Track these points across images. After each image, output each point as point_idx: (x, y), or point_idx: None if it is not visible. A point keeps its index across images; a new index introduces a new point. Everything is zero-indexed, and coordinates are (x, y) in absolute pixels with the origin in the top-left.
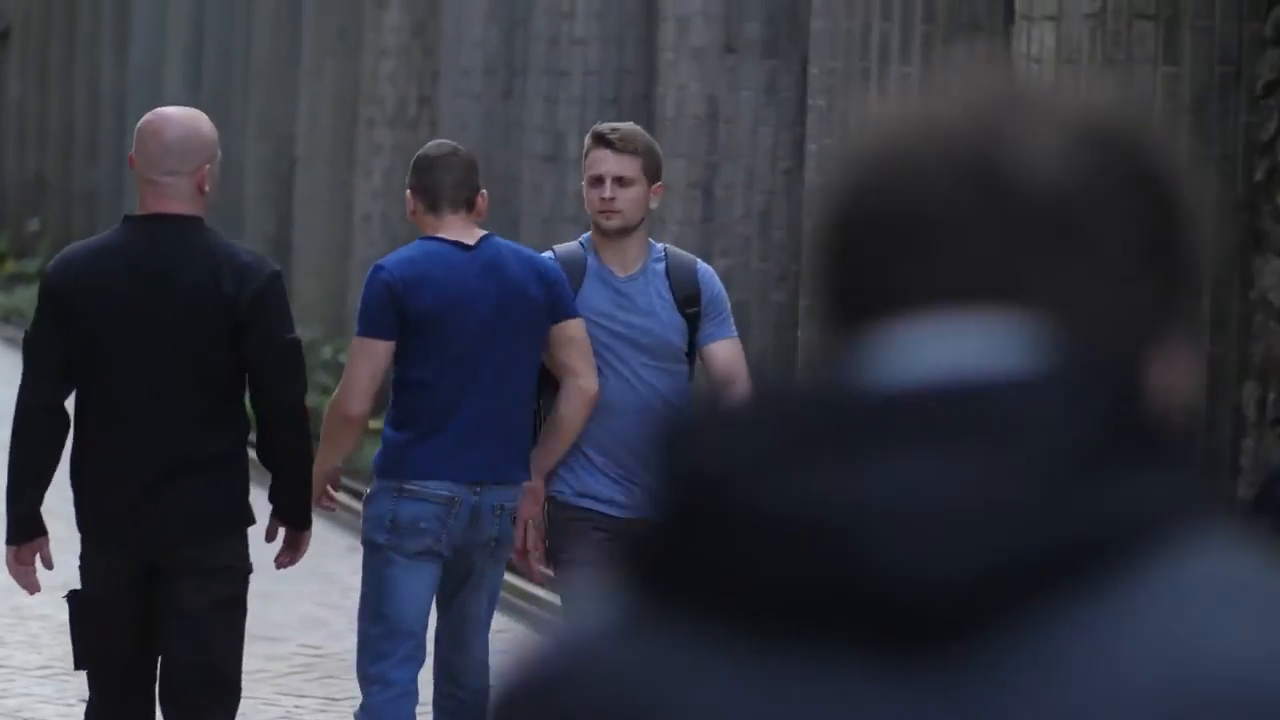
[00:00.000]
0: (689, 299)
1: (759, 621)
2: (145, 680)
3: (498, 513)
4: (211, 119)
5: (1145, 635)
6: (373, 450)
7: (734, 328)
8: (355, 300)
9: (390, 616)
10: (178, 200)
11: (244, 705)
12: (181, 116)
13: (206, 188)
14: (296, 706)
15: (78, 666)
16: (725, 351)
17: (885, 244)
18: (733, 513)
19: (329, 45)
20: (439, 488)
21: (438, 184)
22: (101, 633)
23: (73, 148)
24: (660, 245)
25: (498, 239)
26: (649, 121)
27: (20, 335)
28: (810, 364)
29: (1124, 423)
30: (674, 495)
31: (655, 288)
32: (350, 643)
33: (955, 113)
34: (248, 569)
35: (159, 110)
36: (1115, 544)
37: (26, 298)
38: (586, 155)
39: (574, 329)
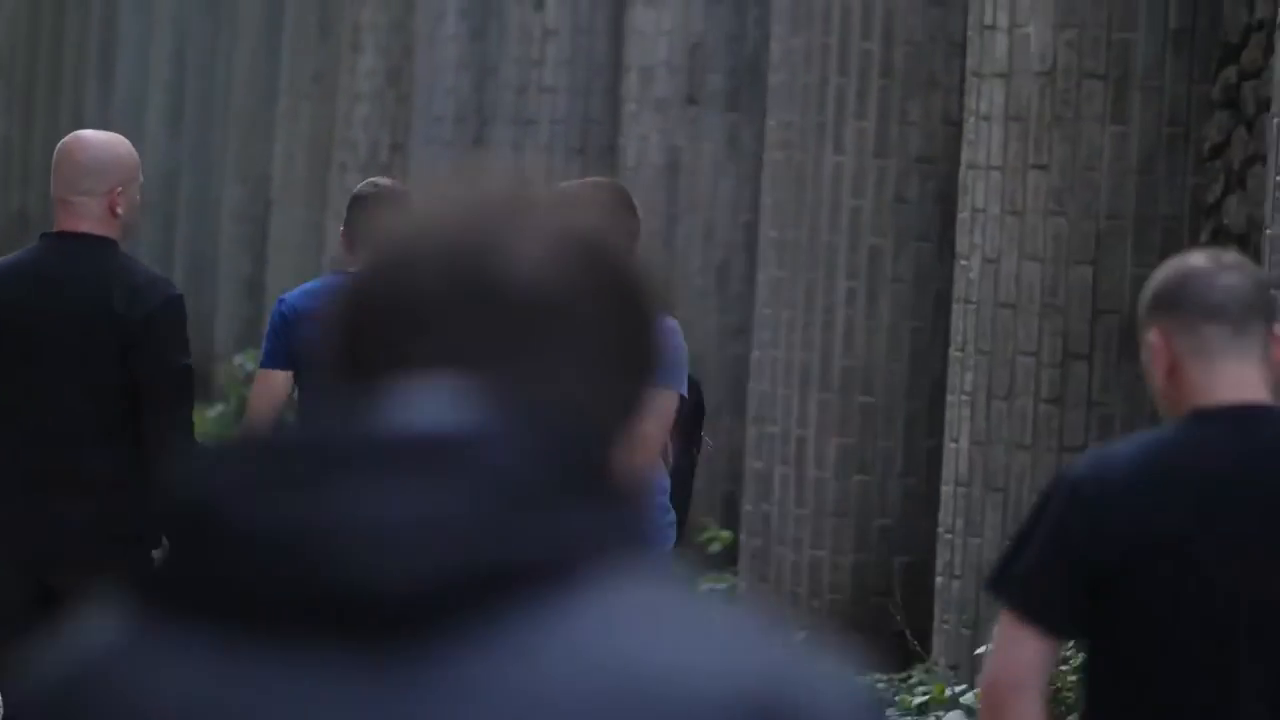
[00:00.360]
0: None
1: (242, 626)
2: None
3: None
4: (192, 159)
5: (575, 646)
6: None
7: (675, 380)
8: None
9: None
10: (88, 220)
11: None
12: (99, 139)
13: (120, 210)
14: None
15: None
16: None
17: (385, 319)
18: (221, 531)
19: (304, 89)
20: None
21: (355, 222)
22: None
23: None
24: None
25: None
26: (612, 171)
27: None
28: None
29: (568, 470)
30: (176, 518)
31: None
32: None
33: (457, 212)
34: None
35: (77, 132)
36: (549, 567)
37: None
38: None
39: None
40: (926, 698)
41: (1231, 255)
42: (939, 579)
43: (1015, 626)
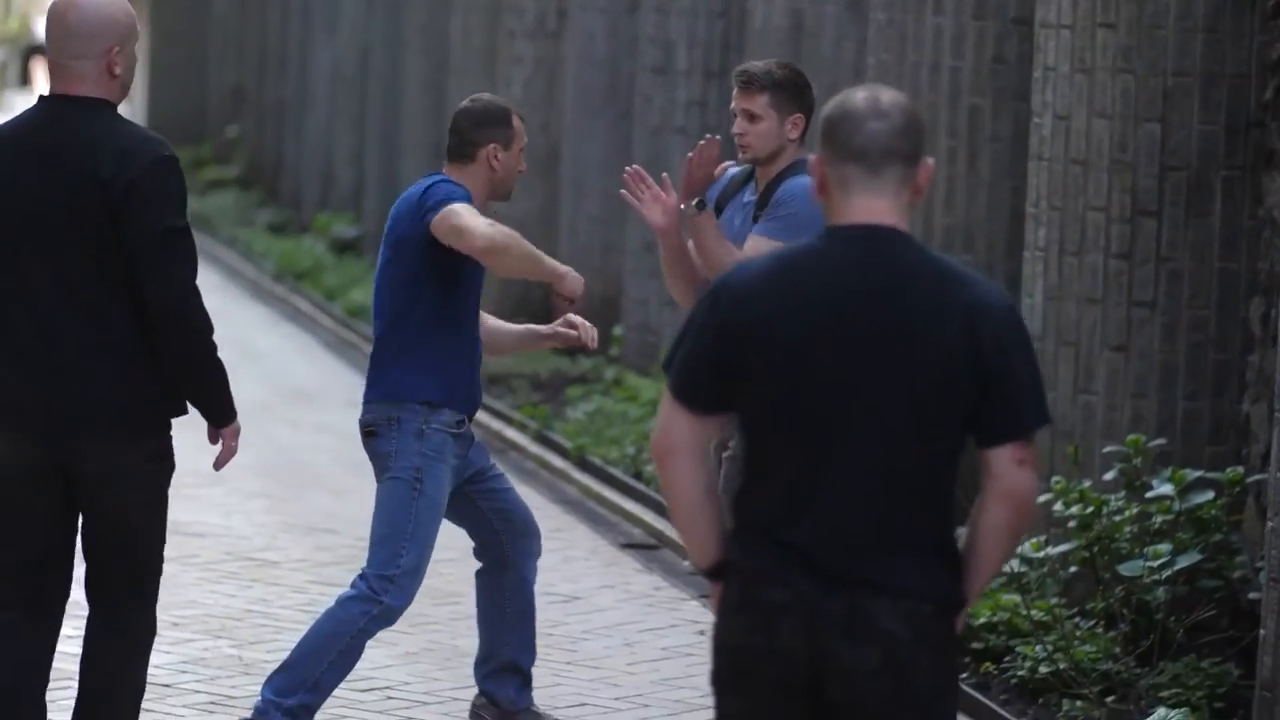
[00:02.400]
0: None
1: None
2: (52, 582)
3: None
4: (382, 33)
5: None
6: None
7: (775, 230)
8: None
9: None
10: (84, 82)
11: (270, 590)
12: (88, 1)
13: (118, 70)
14: (322, 594)
15: None
16: (749, 238)
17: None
18: None
19: None
20: None
21: (446, 136)
22: (8, 527)
23: (267, 60)
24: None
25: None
26: (741, 34)
27: (206, 242)
28: None
29: None
30: None
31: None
32: None
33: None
34: (161, 468)
35: None
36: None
37: (218, 204)
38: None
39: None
40: None
41: (890, 96)
42: None
43: (671, 405)
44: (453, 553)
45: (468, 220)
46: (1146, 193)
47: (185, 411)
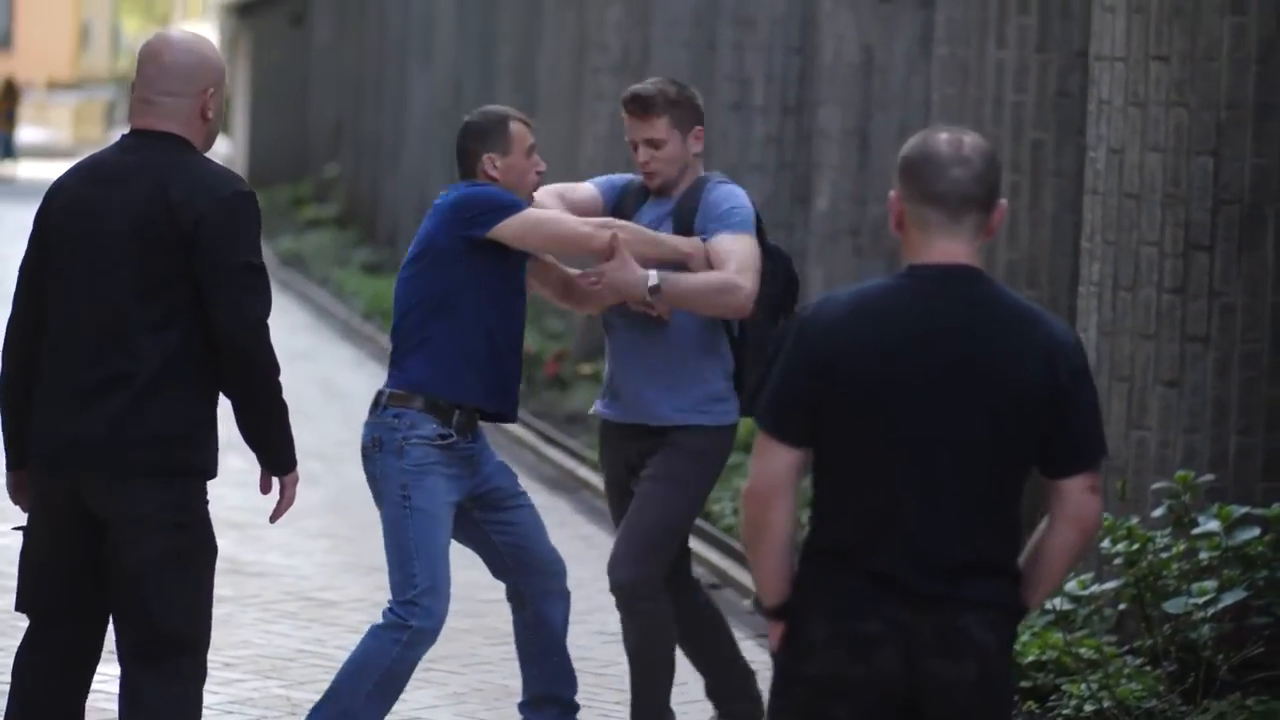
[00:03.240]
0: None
1: None
2: (84, 639)
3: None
4: (474, 69)
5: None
6: None
7: (740, 226)
8: None
9: None
10: (173, 120)
11: (326, 630)
12: (187, 40)
13: (210, 114)
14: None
15: (17, 608)
16: (720, 241)
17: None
18: None
19: None
20: None
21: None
22: (36, 571)
23: (364, 94)
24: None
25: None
26: (813, 69)
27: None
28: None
29: None
30: None
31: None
32: (463, 578)
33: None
34: (183, 523)
35: (162, 32)
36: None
37: (315, 243)
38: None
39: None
40: None
41: (971, 143)
42: None
43: (769, 444)
44: (503, 593)
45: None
46: (1199, 227)
47: (214, 468)
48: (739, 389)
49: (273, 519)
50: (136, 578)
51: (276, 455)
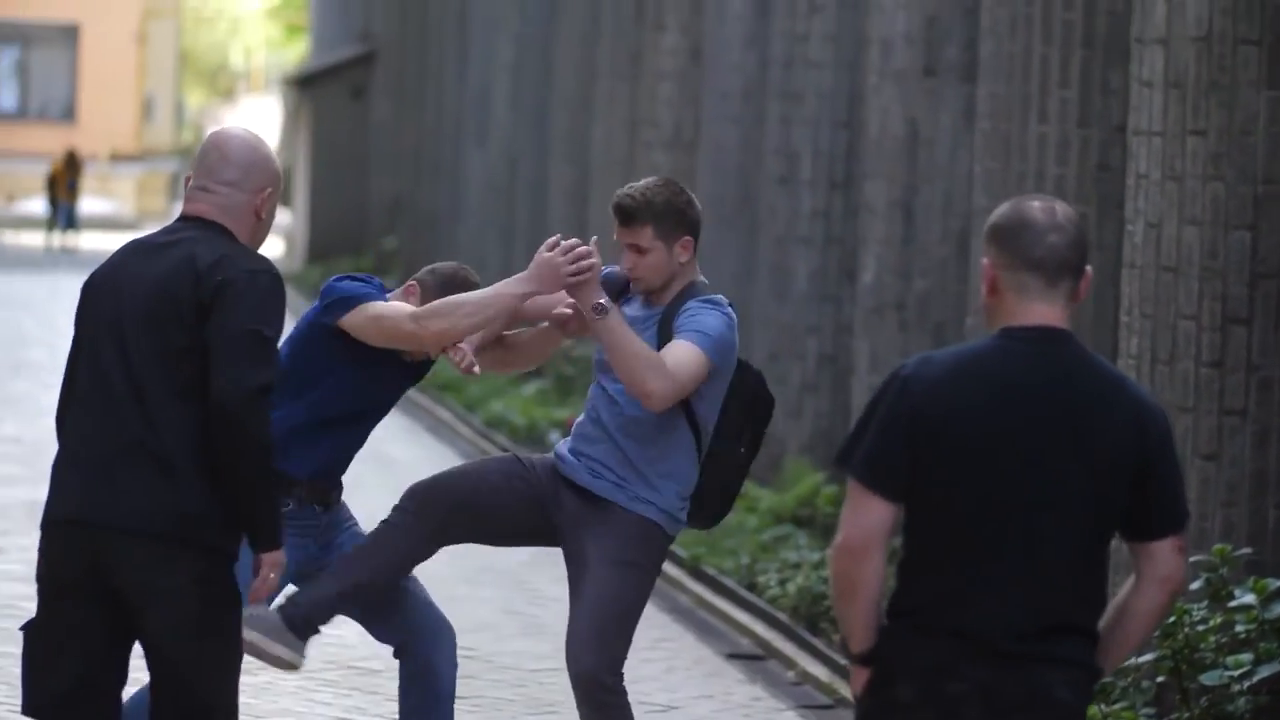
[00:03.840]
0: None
1: None
2: (94, 708)
3: None
4: (529, 145)
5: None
6: None
7: (694, 337)
8: None
9: None
10: (225, 213)
11: (366, 699)
12: (249, 137)
13: (264, 214)
14: None
15: (25, 711)
16: (670, 345)
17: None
18: None
19: (622, 70)
20: None
21: None
22: (46, 660)
23: (422, 169)
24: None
25: None
26: (859, 142)
27: None
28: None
29: None
30: None
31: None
32: (510, 647)
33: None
34: (210, 594)
35: (227, 127)
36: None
37: None
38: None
39: None
40: None
41: (1063, 211)
42: None
43: (863, 497)
44: (552, 662)
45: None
46: (1237, 300)
47: (235, 548)
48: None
49: (250, 600)
50: (162, 648)
51: (256, 532)
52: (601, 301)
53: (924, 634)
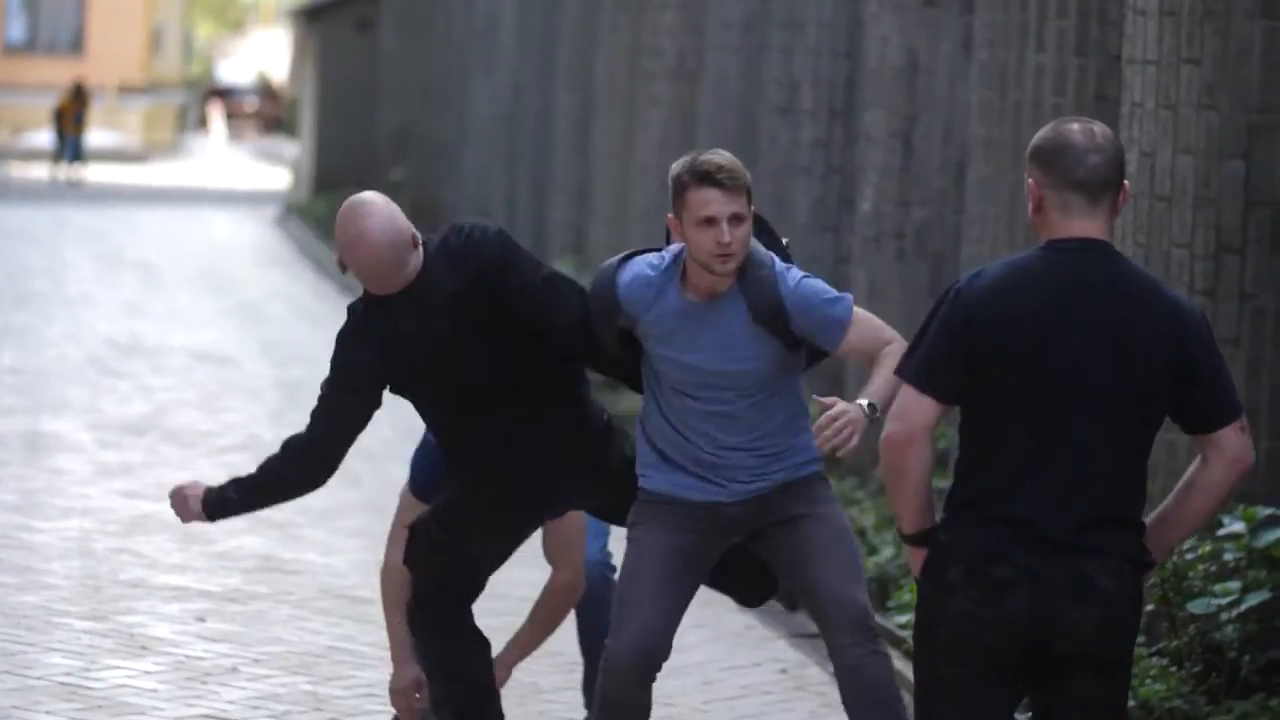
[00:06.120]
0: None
1: None
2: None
3: None
4: (534, 74)
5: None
6: None
7: (842, 306)
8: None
9: None
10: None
11: (357, 628)
12: (378, 233)
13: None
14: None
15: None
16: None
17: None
18: None
19: (625, 0)
20: None
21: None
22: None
23: (429, 100)
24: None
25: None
26: (857, 72)
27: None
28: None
29: None
30: None
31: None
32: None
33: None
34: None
35: (360, 232)
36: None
37: None
38: (684, 193)
39: None
40: None
41: (1101, 131)
42: None
43: (914, 395)
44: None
45: None
46: (1230, 229)
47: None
48: None
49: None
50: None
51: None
52: (868, 404)
53: (977, 522)
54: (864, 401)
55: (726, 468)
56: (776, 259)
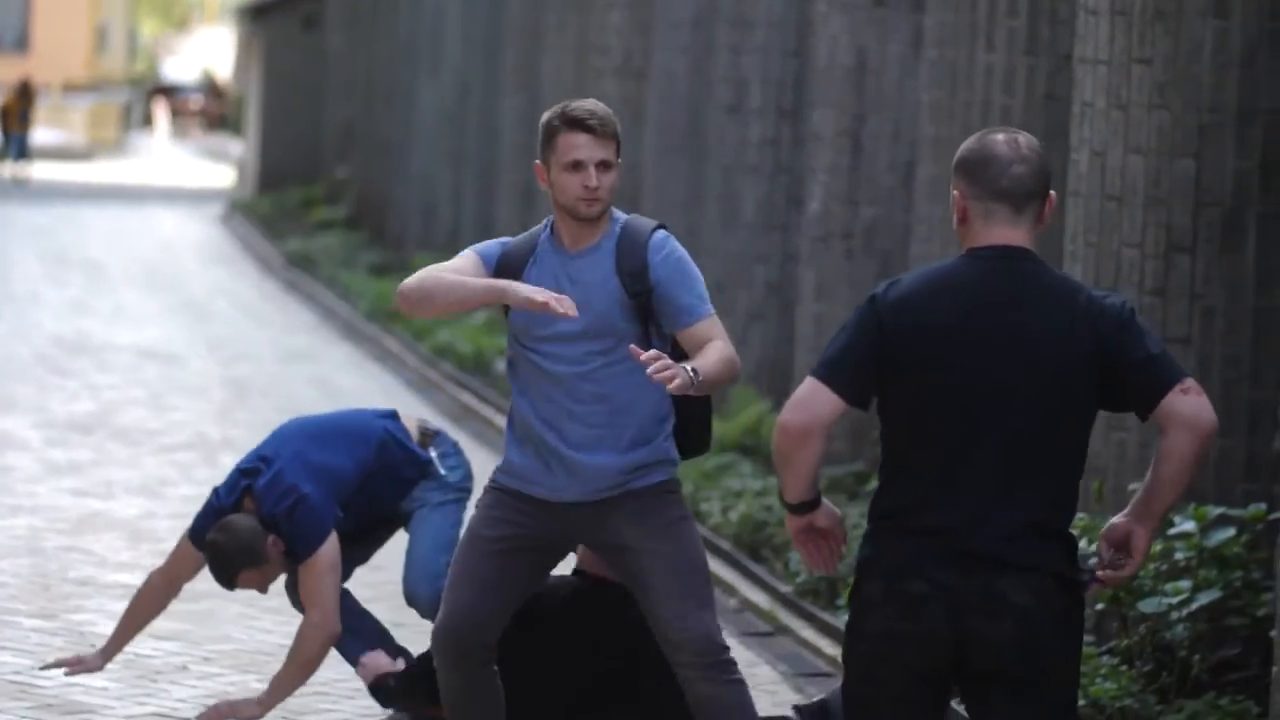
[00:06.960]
0: (635, 275)
1: None
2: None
3: None
4: (480, 73)
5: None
6: None
7: (704, 305)
8: None
9: None
10: None
11: None
12: None
13: None
14: None
15: None
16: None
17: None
18: None
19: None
20: None
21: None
22: None
23: (375, 98)
24: (621, 216)
25: None
26: (807, 71)
27: (306, 282)
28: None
29: None
30: None
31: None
32: None
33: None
34: None
35: None
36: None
37: (324, 245)
38: (554, 139)
39: None
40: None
41: (1027, 142)
42: None
43: (815, 387)
44: None
45: None
46: (1181, 229)
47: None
48: None
49: None
50: None
51: None
52: (693, 369)
53: (897, 535)
54: (689, 366)
55: (574, 457)
56: (668, 235)
